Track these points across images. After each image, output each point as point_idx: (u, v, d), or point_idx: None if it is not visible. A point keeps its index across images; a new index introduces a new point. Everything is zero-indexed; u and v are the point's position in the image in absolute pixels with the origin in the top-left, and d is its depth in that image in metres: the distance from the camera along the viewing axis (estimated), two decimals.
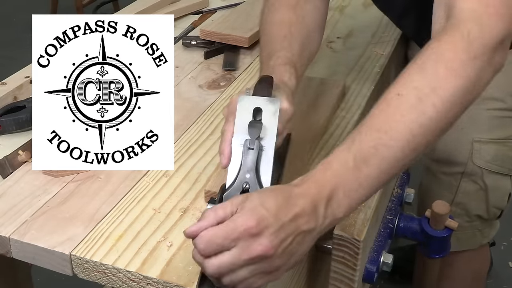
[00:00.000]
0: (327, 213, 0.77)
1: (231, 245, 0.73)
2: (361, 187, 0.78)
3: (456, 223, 1.09)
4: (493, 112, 1.30)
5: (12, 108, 1.16)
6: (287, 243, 0.75)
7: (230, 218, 0.74)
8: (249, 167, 0.86)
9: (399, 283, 2.00)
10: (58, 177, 1.01)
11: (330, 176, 0.78)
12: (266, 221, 0.73)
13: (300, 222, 0.75)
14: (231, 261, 0.73)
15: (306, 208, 0.76)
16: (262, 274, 0.75)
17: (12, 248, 0.90)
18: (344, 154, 0.79)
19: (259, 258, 0.73)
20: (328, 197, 0.77)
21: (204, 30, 1.44)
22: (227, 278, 0.74)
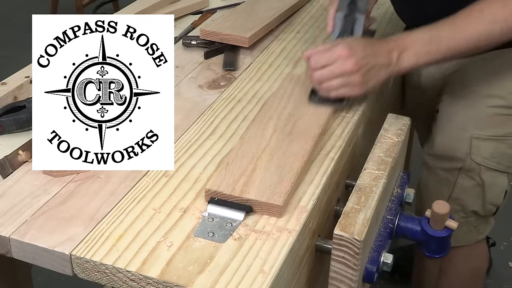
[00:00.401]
0: (398, 60, 1.14)
1: (331, 62, 1.12)
2: (427, 55, 1.15)
3: (456, 223, 1.09)
4: (493, 110, 1.31)
5: (12, 108, 1.16)
6: (368, 68, 1.12)
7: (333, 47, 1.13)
8: (346, 33, 1.25)
9: (399, 283, 2.00)
10: (58, 177, 1.01)
11: (408, 39, 1.16)
12: (356, 49, 1.12)
13: (379, 58, 1.13)
14: (329, 72, 1.12)
15: (384, 51, 1.14)
16: (348, 87, 1.13)
17: (12, 248, 0.90)
18: (424, 32, 1.15)
19: (348, 73, 1.11)
20: (402, 50, 1.14)
21: (204, 30, 1.44)
22: (325, 84, 1.13)
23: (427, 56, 1.15)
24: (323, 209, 1.03)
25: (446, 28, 1.14)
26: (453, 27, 1.14)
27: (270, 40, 1.49)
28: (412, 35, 1.16)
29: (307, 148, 1.04)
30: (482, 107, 1.31)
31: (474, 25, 1.13)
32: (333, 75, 1.12)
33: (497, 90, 1.30)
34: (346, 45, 1.13)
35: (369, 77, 1.12)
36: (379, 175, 1.02)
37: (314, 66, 1.13)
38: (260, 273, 0.83)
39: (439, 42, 1.14)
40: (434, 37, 1.14)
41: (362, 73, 1.11)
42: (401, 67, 1.14)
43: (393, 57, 1.13)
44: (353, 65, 1.10)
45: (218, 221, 0.91)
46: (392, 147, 1.09)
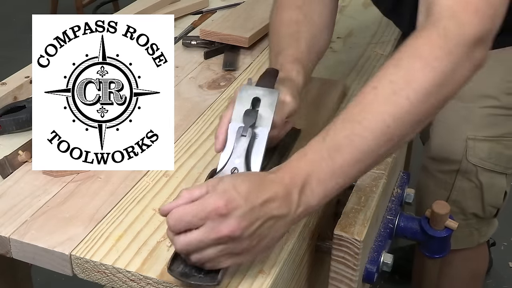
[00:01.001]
0: (300, 201, 0.79)
1: (199, 224, 0.76)
2: (335, 176, 0.80)
3: (456, 223, 1.09)
4: (488, 110, 1.30)
5: (12, 108, 1.16)
6: (256, 226, 0.77)
7: (201, 198, 0.77)
8: (240, 153, 0.89)
9: (399, 283, 2.00)
10: (58, 177, 1.01)
11: (304, 164, 0.81)
12: (236, 202, 0.75)
13: (271, 207, 0.77)
14: (199, 239, 0.76)
15: (278, 194, 0.78)
16: (230, 255, 0.78)
17: (12, 248, 0.90)
18: (319, 144, 0.82)
19: (227, 238, 0.76)
20: (302, 184, 0.79)
21: (204, 30, 1.44)
22: (196, 255, 0.77)
23: (335, 178, 0.81)
24: (323, 209, 1.03)
25: (341, 125, 0.83)
26: (350, 120, 0.82)
27: None
28: (306, 155, 0.82)
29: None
30: (475, 108, 1.30)
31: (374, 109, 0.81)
32: (205, 243, 0.76)
33: (490, 91, 1.29)
34: (222, 195, 0.76)
35: (259, 238, 0.78)
36: (379, 175, 1.02)
37: (173, 228, 0.77)
38: (260, 273, 0.83)
39: (341, 149, 0.81)
40: (332, 145, 0.81)
41: (247, 236, 0.77)
42: (306, 208, 0.80)
43: (292, 200, 0.79)
44: (233, 227, 0.75)
45: None
46: None
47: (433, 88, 0.81)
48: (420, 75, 0.80)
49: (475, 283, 1.58)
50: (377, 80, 0.83)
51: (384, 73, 0.83)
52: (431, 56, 0.81)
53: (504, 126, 1.31)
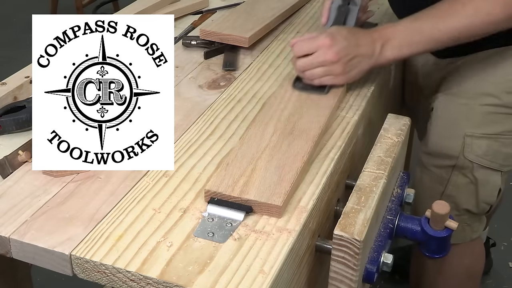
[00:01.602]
0: (382, 50, 1.16)
1: (313, 51, 1.16)
2: (410, 46, 1.16)
3: (456, 223, 1.09)
4: (487, 108, 1.31)
5: (12, 108, 1.16)
6: (349, 57, 1.15)
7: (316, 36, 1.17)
8: (340, 22, 1.29)
9: (399, 283, 2.00)
10: (58, 177, 1.01)
11: (392, 30, 1.17)
12: (338, 40, 1.15)
13: (361, 48, 1.16)
14: (311, 60, 1.16)
15: (367, 41, 1.16)
16: (331, 76, 1.17)
17: (12, 248, 0.90)
18: (408, 22, 1.17)
19: (329, 62, 1.15)
20: (385, 41, 1.16)
21: (204, 30, 1.44)
22: (308, 72, 1.17)
23: (410, 47, 1.16)
24: (323, 209, 1.03)
25: (429, 19, 1.16)
26: (435, 18, 1.15)
27: (270, 40, 1.49)
28: (395, 26, 1.17)
29: (307, 149, 1.04)
30: (475, 106, 1.32)
31: (456, 17, 1.14)
32: (315, 64, 1.16)
33: (490, 89, 1.30)
34: (329, 34, 1.15)
35: (350, 67, 1.16)
36: (379, 175, 1.02)
37: (297, 54, 1.17)
38: (260, 273, 0.83)
39: (422, 33, 1.15)
40: (416, 28, 1.16)
41: (343, 63, 1.15)
42: (384, 58, 1.17)
43: (375, 48, 1.16)
44: (334, 55, 1.14)
45: (218, 221, 0.91)
46: (392, 147, 1.09)
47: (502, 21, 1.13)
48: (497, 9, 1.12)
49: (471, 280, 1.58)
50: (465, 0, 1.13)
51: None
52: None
53: (502, 124, 1.32)
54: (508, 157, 1.35)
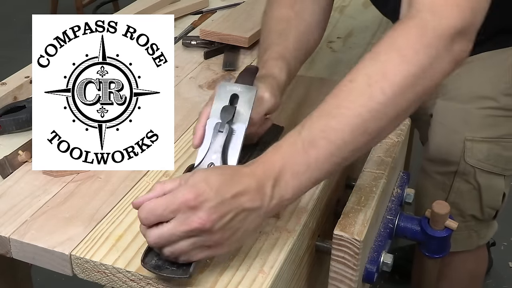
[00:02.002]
0: (274, 193, 0.79)
1: (170, 217, 0.76)
2: (310, 169, 0.80)
3: (456, 223, 1.09)
4: (486, 111, 1.29)
5: (12, 108, 1.16)
6: (227, 219, 0.77)
7: (172, 191, 0.77)
8: (216, 148, 0.91)
9: (399, 283, 2.00)
10: (58, 177, 1.01)
11: (278, 157, 0.81)
12: (206, 195, 0.76)
13: (242, 200, 0.78)
14: (170, 232, 0.76)
15: (251, 187, 0.78)
16: (202, 248, 0.78)
17: (12, 248, 0.90)
18: (294, 137, 0.82)
19: (197, 231, 0.76)
20: (276, 177, 0.80)
21: (204, 30, 1.44)
22: (168, 249, 0.78)
23: (310, 172, 0.81)
24: (323, 209, 1.03)
25: (317, 120, 0.82)
26: (325, 115, 0.82)
27: None
28: (281, 147, 0.82)
29: None
30: (473, 109, 1.29)
31: (349, 100, 0.81)
32: (176, 236, 0.76)
33: (488, 92, 1.28)
34: (191, 188, 0.76)
35: (232, 231, 0.78)
36: (379, 175, 1.02)
37: (145, 221, 0.78)
38: (260, 273, 0.83)
39: (316, 143, 0.80)
40: (307, 139, 0.81)
41: (219, 229, 0.77)
42: (280, 202, 0.81)
43: (265, 193, 0.79)
44: (204, 220, 0.75)
45: None
46: (392, 147, 1.09)
47: (410, 81, 0.79)
48: (396, 68, 0.79)
49: (474, 284, 1.58)
50: (354, 73, 0.82)
51: (361, 66, 0.82)
52: (408, 48, 0.80)
53: (502, 127, 1.31)
54: (510, 161, 1.33)
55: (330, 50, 1.44)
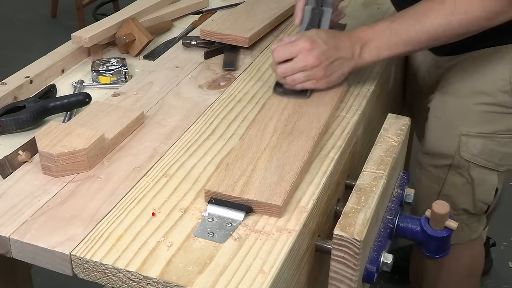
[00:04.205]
0: (361, 53, 1.16)
1: (293, 56, 1.15)
2: (388, 48, 1.16)
3: (456, 223, 1.09)
4: (482, 107, 1.31)
5: (12, 108, 1.16)
6: (330, 61, 1.15)
7: (296, 40, 1.15)
8: (314, 23, 1.29)
9: (399, 283, 2.00)
10: (58, 177, 1.01)
11: (370, 32, 1.17)
12: (318, 43, 1.14)
13: (341, 51, 1.15)
14: (292, 66, 1.15)
15: (347, 44, 1.16)
16: (312, 80, 1.16)
17: (12, 248, 0.90)
18: (386, 24, 1.17)
19: (310, 67, 1.14)
20: (364, 43, 1.16)
21: (204, 30, 1.44)
22: (289, 78, 1.16)
23: (388, 49, 1.16)
24: (323, 209, 1.03)
25: (407, 20, 1.15)
26: (414, 19, 1.14)
27: (270, 40, 1.49)
28: (373, 28, 1.17)
29: (307, 148, 1.04)
30: (471, 104, 1.32)
31: (434, 17, 1.13)
32: (296, 69, 1.15)
33: (485, 87, 1.30)
34: (308, 38, 1.15)
35: (332, 71, 1.16)
36: (379, 175, 1.02)
37: (277, 59, 1.16)
38: (260, 273, 0.83)
39: (400, 34, 1.15)
40: (393, 29, 1.15)
41: (324, 67, 1.14)
42: (363, 60, 1.17)
43: (355, 50, 1.16)
44: (315, 59, 1.13)
45: (218, 221, 0.91)
46: (392, 147, 1.09)
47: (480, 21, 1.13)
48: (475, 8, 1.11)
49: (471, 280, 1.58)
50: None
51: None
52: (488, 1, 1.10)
53: (498, 123, 1.32)
54: (504, 157, 1.35)
55: None
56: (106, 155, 1.06)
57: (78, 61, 1.39)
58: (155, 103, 1.22)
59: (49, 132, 1.04)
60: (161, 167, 1.03)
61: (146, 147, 1.09)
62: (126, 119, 1.12)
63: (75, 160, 1.00)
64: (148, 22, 1.51)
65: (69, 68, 1.37)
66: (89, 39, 1.36)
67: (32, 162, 1.04)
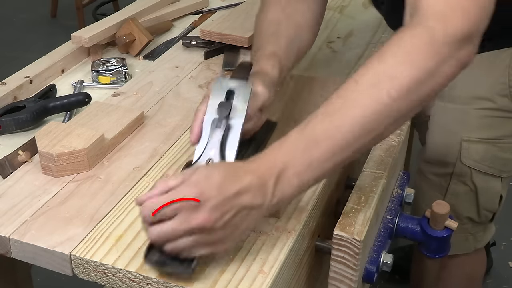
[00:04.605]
0: (276, 191, 0.80)
1: (172, 214, 0.77)
2: (311, 168, 0.81)
3: (456, 223, 1.09)
4: (482, 112, 1.29)
5: (12, 108, 1.16)
6: (229, 217, 0.77)
7: (175, 189, 0.77)
8: (214, 144, 0.91)
9: (399, 283, 2.00)
10: (58, 177, 1.01)
11: (281, 155, 0.81)
12: (208, 193, 0.76)
13: (244, 198, 0.78)
14: (171, 229, 0.77)
15: (252, 184, 0.79)
16: (204, 245, 0.79)
17: (12, 248, 0.90)
18: (297, 136, 0.82)
19: (199, 229, 0.77)
20: (278, 175, 0.80)
21: (204, 30, 1.44)
22: (170, 245, 0.78)
23: (311, 171, 0.81)
24: (323, 209, 1.03)
25: (320, 120, 0.82)
26: (328, 116, 0.82)
27: None
28: (282, 146, 0.82)
29: None
30: (471, 110, 1.29)
31: (354, 102, 0.81)
32: (178, 233, 0.77)
33: (485, 93, 1.28)
34: (194, 184, 0.77)
35: (232, 229, 0.79)
36: (379, 175, 1.02)
37: (148, 218, 0.78)
38: (260, 273, 0.83)
39: (318, 143, 0.81)
40: (310, 138, 0.81)
41: (220, 226, 0.77)
42: (281, 199, 0.81)
43: (267, 191, 0.79)
44: (205, 218, 0.76)
45: None
46: (392, 147, 1.09)
47: (415, 84, 0.80)
48: (403, 71, 0.80)
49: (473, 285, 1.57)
50: (360, 73, 0.82)
51: (368, 67, 0.82)
52: (415, 53, 0.80)
53: (499, 129, 1.30)
54: (507, 163, 1.33)
55: (330, 50, 1.44)
56: (106, 155, 1.06)
57: (78, 61, 1.39)
58: (155, 103, 1.22)
59: (49, 132, 1.04)
60: (161, 167, 1.03)
61: (146, 147, 1.09)
62: (126, 119, 1.12)
63: (75, 160, 1.00)
64: (148, 22, 1.51)
65: (69, 68, 1.37)
66: (89, 39, 1.36)
67: (32, 162, 1.04)
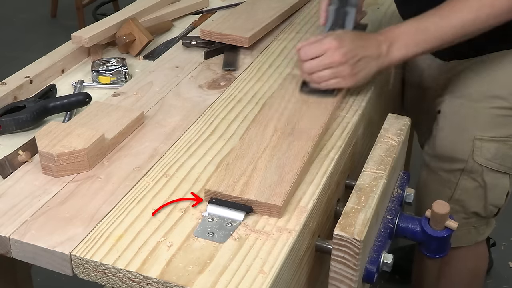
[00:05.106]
0: (388, 52, 1.16)
1: (320, 54, 1.15)
2: (416, 46, 1.17)
3: (456, 223, 1.09)
4: (496, 111, 1.31)
5: (12, 108, 1.16)
6: (357, 59, 1.15)
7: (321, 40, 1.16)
8: (339, 24, 1.30)
9: (399, 283, 2.00)
10: (58, 177, 1.01)
11: (397, 31, 1.18)
12: (345, 42, 1.15)
13: (367, 50, 1.16)
14: (318, 62, 1.15)
15: (374, 43, 1.17)
16: (338, 78, 1.16)
17: (12, 248, 0.90)
18: (414, 22, 1.18)
19: (336, 64, 1.14)
20: (391, 42, 1.16)
21: (204, 30, 1.44)
22: (315, 75, 1.16)
23: (416, 46, 1.17)
24: (323, 209, 1.03)
25: (433, 17, 1.16)
26: (440, 15, 1.16)
27: (270, 40, 1.49)
28: (400, 27, 1.18)
29: (307, 149, 1.04)
30: (484, 108, 1.31)
31: (460, 12, 1.14)
32: (322, 66, 1.15)
33: (498, 91, 1.30)
34: (335, 37, 1.16)
35: (358, 69, 1.15)
36: (379, 175, 1.02)
37: (303, 57, 1.17)
38: (260, 273, 0.83)
39: (427, 32, 1.16)
40: (421, 27, 1.16)
41: (350, 65, 1.14)
42: (391, 59, 1.17)
43: (382, 49, 1.16)
44: (341, 56, 1.13)
45: (218, 221, 0.91)
46: (392, 147, 1.09)
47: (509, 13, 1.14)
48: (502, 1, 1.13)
49: (475, 281, 1.58)
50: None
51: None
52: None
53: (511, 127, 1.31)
54: None
55: None
56: (106, 155, 1.06)
57: (78, 61, 1.39)
58: (155, 103, 1.22)
59: (49, 132, 1.04)
60: (161, 167, 1.03)
61: (146, 147, 1.09)
62: (126, 119, 1.12)
63: (75, 160, 1.00)
64: (148, 22, 1.51)
65: (69, 68, 1.37)
66: (89, 39, 1.36)
67: (32, 162, 1.04)
